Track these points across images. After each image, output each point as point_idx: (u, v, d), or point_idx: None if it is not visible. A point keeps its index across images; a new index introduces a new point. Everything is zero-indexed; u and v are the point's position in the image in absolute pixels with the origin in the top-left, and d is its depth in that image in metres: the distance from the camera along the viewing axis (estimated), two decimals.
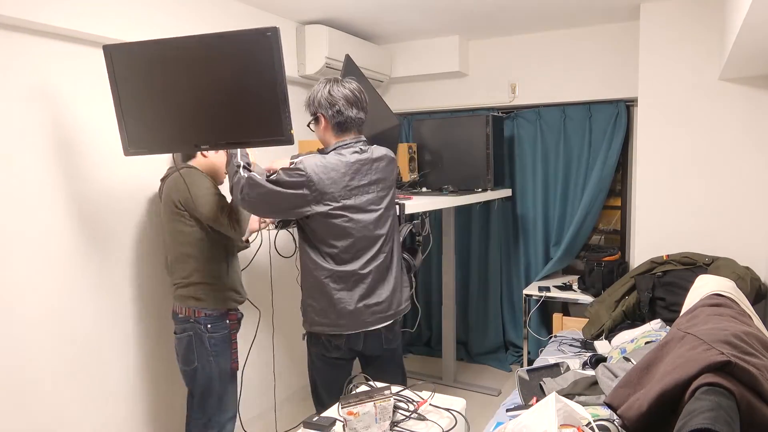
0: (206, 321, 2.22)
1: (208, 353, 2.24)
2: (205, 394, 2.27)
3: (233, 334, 2.30)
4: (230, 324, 2.29)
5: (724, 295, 1.91)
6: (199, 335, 2.23)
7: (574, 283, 3.60)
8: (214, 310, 2.24)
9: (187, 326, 2.24)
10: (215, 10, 2.75)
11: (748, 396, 1.31)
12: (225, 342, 2.27)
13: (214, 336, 2.24)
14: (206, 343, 2.23)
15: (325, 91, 2.11)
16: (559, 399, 1.50)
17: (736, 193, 2.97)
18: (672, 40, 3.04)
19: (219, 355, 2.25)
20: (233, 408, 2.34)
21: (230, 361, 2.28)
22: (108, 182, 2.37)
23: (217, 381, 2.26)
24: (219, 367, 2.26)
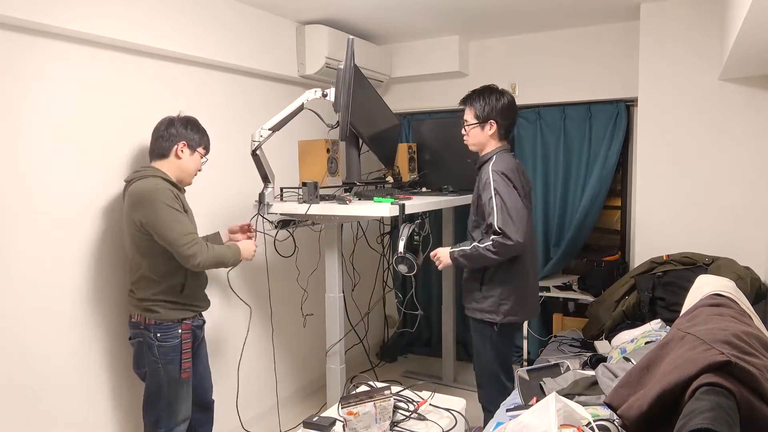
0: (156, 330, 2.18)
1: (156, 360, 2.19)
2: (154, 398, 2.24)
3: (185, 343, 2.24)
4: (182, 333, 2.23)
5: (724, 295, 1.91)
6: (149, 343, 2.19)
7: (574, 283, 3.60)
8: (163, 321, 2.19)
9: (137, 332, 2.22)
10: (215, 11, 2.75)
11: (748, 396, 1.31)
12: (174, 351, 2.21)
13: (164, 345, 2.19)
14: (155, 351, 2.19)
15: (505, 101, 2.47)
16: (559, 399, 1.50)
17: (736, 192, 2.97)
18: (672, 40, 3.04)
19: (168, 363, 2.20)
20: (185, 412, 2.29)
21: (179, 370, 2.22)
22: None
23: (166, 387, 2.22)
24: (168, 375, 2.21)
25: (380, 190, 3.01)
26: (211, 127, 2.89)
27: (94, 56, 2.30)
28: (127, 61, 2.44)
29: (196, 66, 2.78)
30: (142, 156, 2.52)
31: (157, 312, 2.18)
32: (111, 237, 2.38)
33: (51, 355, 2.16)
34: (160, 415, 2.24)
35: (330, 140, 2.86)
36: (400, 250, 2.42)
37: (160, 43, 2.47)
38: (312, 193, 2.63)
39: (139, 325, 2.20)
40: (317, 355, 3.62)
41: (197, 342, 2.36)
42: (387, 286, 4.33)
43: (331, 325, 2.71)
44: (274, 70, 3.16)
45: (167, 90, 2.64)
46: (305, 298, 3.32)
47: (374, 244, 3.77)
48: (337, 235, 2.70)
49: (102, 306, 2.35)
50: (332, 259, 2.68)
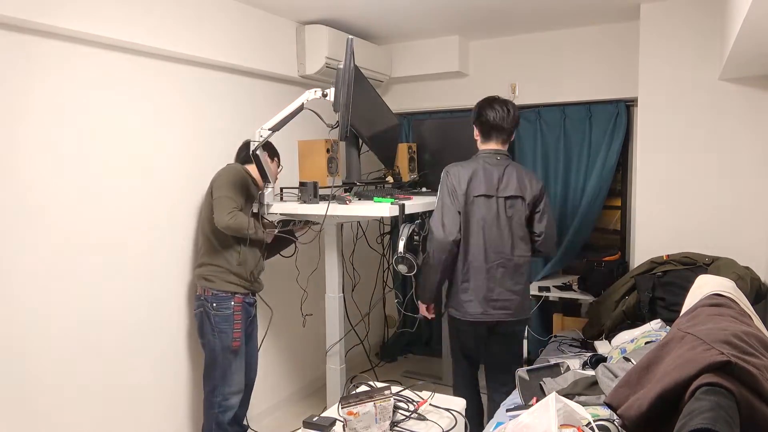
0: (212, 300, 2.53)
1: (212, 329, 2.53)
2: (211, 366, 2.58)
3: (237, 315, 2.54)
4: (234, 305, 2.54)
5: (724, 295, 1.91)
6: (207, 312, 2.53)
7: (574, 283, 3.60)
8: (219, 291, 2.52)
9: (199, 303, 2.58)
10: (215, 11, 2.75)
11: (748, 396, 1.31)
12: (227, 321, 2.52)
13: (218, 314, 2.52)
14: (211, 320, 2.52)
15: (478, 106, 2.57)
16: (559, 399, 1.50)
17: (736, 193, 2.96)
18: (672, 40, 3.04)
19: (222, 332, 2.52)
20: (238, 384, 2.60)
21: (231, 339, 2.52)
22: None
23: (220, 355, 2.53)
24: (221, 343, 2.52)
25: (380, 190, 3.01)
26: (212, 127, 2.90)
27: (94, 56, 2.30)
28: (127, 61, 2.44)
29: (196, 66, 2.78)
30: (143, 155, 2.52)
31: (213, 281, 2.53)
32: (111, 238, 2.38)
33: None
34: (216, 384, 2.57)
35: (330, 140, 2.86)
36: (400, 250, 2.42)
37: (160, 43, 2.47)
38: (311, 194, 2.63)
39: (200, 297, 2.57)
40: (317, 355, 3.62)
41: (249, 318, 2.67)
42: (387, 286, 4.33)
43: (331, 325, 2.71)
44: (274, 70, 3.16)
45: (167, 90, 2.64)
46: (305, 298, 3.32)
47: (374, 244, 3.77)
48: (337, 235, 2.70)
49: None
50: (332, 259, 2.68)
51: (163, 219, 2.64)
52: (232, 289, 2.55)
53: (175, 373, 2.74)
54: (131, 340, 2.50)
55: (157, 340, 2.63)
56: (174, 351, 2.72)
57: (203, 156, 2.84)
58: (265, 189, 2.68)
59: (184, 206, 2.74)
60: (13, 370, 2.05)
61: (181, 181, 2.72)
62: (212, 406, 2.59)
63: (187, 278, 2.77)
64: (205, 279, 2.54)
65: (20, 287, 2.07)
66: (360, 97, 2.63)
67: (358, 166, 2.90)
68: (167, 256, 2.66)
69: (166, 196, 2.65)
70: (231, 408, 2.60)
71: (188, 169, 2.76)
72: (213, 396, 2.58)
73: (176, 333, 2.73)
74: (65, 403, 2.23)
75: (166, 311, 2.68)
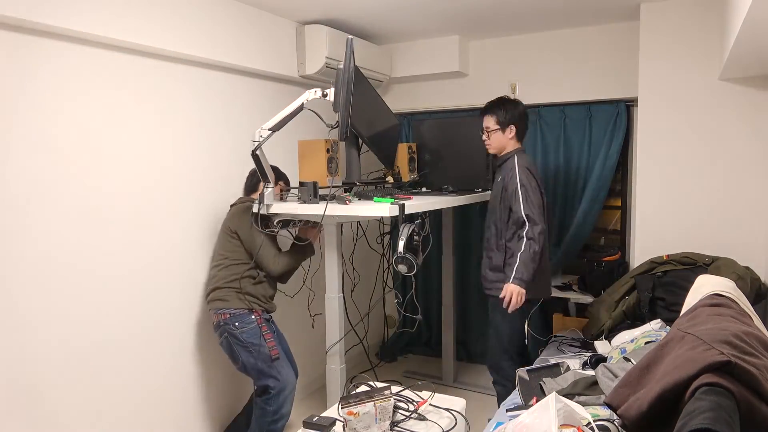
0: (233, 320, 2.52)
1: (245, 346, 2.52)
2: (262, 379, 2.56)
3: (263, 326, 2.56)
4: (256, 319, 2.56)
5: (724, 295, 1.91)
6: (233, 333, 2.52)
7: (574, 283, 3.60)
8: (237, 310, 2.54)
9: (220, 330, 2.56)
10: (215, 11, 2.75)
11: (748, 396, 1.31)
12: (255, 334, 2.53)
13: (244, 331, 2.52)
14: (240, 339, 2.51)
15: (521, 108, 2.85)
16: (559, 399, 1.51)
17: (736, 193, 2.96)
18: (672, 40, 3.04)
19: (255, 344, 2.52)
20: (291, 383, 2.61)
21: (268, 349, 2.53)
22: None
23: (265, 366, 2.54)
24: (261, 356, 2.52)
25: (380, 190, 3.01)
26: (211, 127, 2.91)
27: (95, 56, 2.30)
28: (127, 61, 2.44)
29: (196, 66, 2.78)
30: (142, 155, 2.52)
31: (228, 300, 2.54)
32: (112, 238, 2.38)
33: None
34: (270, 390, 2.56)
35: (330, 140, 2.86)
36: (399, 250, 2.42)
37: (160, 43, 2.47)
38: (311, 194, 2.63)
39: (220, 324, 2.55)
40: (317, 355, 3.62)
41: (273, 331, 2.68)
42: (387, 286, 4.33)
43: (331, 325, 2.71)
44: (274, 70, 3.16)
45: (167, 90, 2.64)
46: (312, 298, 3.32)
47: (374, 245, 3.76)
48: (337, 235, 2.70)
49: None
50: (332, 259, 2.68)
51: (163, 219, 2.64)
52: (248, 306, 2.57)
53: (186, 374, 2.76)
54: (140, 342, 2.50)
55: (168, 342, 2.63)
56: (183, 352, 2.72)
57: (203, 156, 2.84)
58: (265, 189, 2.68)
59: (184, 206, 2.74)
60: (21, 371, 2.05)
61: (179, 181, 2.72)
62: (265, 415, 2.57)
63: (195, 278, 2.78)
64: (220, 300, 2.56)
65: (21, 288, 2.06)
66: (360, 97, 2.62)
67: (358, 166, 2.90)
68: (169, 256, 2.66)
69: (166, 196, 2.65)
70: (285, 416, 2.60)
71: (187, 169, 2.76)
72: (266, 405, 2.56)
73: (186, 334, 2.73)
74: (71, 408, 2.23)
75: (174, 312, 2.68)
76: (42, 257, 2.13)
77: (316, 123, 2.65)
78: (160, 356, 2.64)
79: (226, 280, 2.59)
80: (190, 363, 2.81)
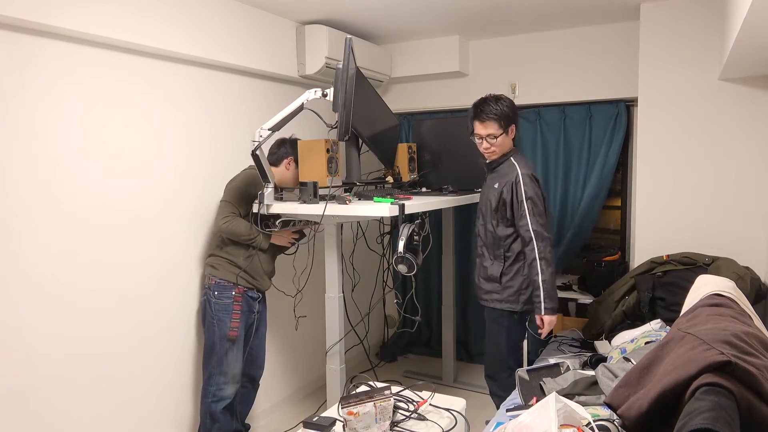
0: (214, 288, 2.62)
1: (212, 317, 2.61)
2: (209, 354, 2.64)
3: (236, 305, 2.61)
4: (235, 296, 2.61)
5: (724, 295, 1.91)
6: (209, 300, 2.62)
7: (574, 283, 3.60)
8: (222, 280, 2.61)
9: (203, 293, 2.68)
10: (215, 11, 2.75)
11: (748, 396, 1.31)
12: (226, 310, 2.60)
13: (218, 303, 2.60)
14: (212, 307, 2.61)
15: (510, 102, 2.65)
16: (559, 399, 1.50)
17: (736, 193, 2.96)
18: (672, 40, 3.04)
19: (220, 320, 2.59)
20: (233, 374, 2.64)
21: (228, 328, 2.59)
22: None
23: (218, 344, 2.59)
24: (219, 332, 2.59)
25: (380, 190, 3.01)
26: (211, 127, 2.91)
27: (94, 56, 2.30)
28: (127, 60, 2.44)
29: (196, 66, 2.78)
30: (142, 156, 2.52)
31: (217, 269, 2.63)
32: (113, 239, 2.38)
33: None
34: (212, 371, 2.62)
35: (330, 140, 2.86)
36: (399, 250, 2.42)
37: (159, 43, 2.47)
38: (311, 194, 2.63)
39: (205, 286, 2.67)
40: (317, 355, 3.62)
41: (253, 315, 2.73)
42: (387, 286, 4.33)
43: (331, 325, 2.71)
44: (274, 70, 3.16)
45: (167, 90, 2.64)
46: (299, 300, 3.32)
47: (374, 245, 3.76)
48: (337, 235, 2.70)
49: None
50: (332, 259, 2.68)
51: (162, 219, 2.64)
52: (234, 280, 2.62)
53: (180, 368, 2.75)
54: (135, 339, 2.50)
55: (165, 337, 2.63)
56: (180, 347, 2.72)
57: (203, 156, 2.84)
58: (265, 189, 2.68)
59: (183, 205, 2.74)
60: (15, 372, 2.05)
61: (180, 181, 2.72)
62: (206, 395, 2.64)
63: (196, 278, 2.78)
64: (212, 266, 2.66)
65: (21, 288, 2.06)
66: (360, 97, 2.62)
67: (358, 166, 2.90)
68: (169, 256, 2.65)
69: (166, 196, 2.65)
70: (224, 398, 2.64)
71: (188, 169, 2.76)
72: (208, 384, 2.63)
73: (185, 332, 2.73)
74: (68, 402, 2.23)
75: (176, 315, 2.69)
76: (41, 257, 2.13)
77: (316, 123, 2.65)
78: (161, 361, 2.64)
79: (221, 248, 2.67)
80: (191, 366, 2.80)
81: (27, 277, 2.09)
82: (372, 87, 3.04)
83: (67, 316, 2.23)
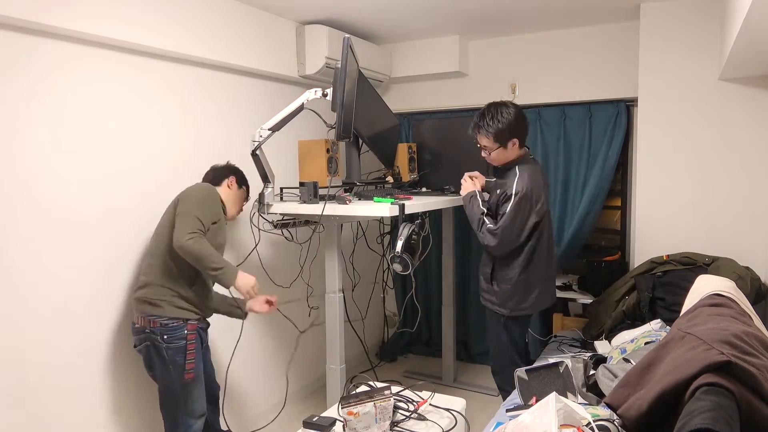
0: (161, 331, 2.19)
1: (165, 363, 2.21)
2: (168, 399, 2.28)
3: (191, 344, 2.24)
4: (188, 334, 2.23)
5: (724, 295, 1.91)
6: (156, 346, 2.21)
7: (574, 283, 3.60)
8: (169, 320, 2.20)
9: (143, 336, 2.23)
10: (215, 11, 2.75)
11: (748, 396, 1.31)
12: (180, 352, 2.22)
13: (170, 346, 2.20)
14: (163, 353, 2.21)
15: (512, 113, 2.52)
16: (559, 399, 1.51)
17: (736, 193, 2.96)
18: (672, 40, 3.04)
19: (175, 363, 2.22)
20: (201, 409, 2.33)
21: (184, 371, 2.23)
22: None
23: (179, 388, 2.24)
24: (177, 375, 2.22)
25: (380, 190, 3.01)
26: (211, 127, 2.91)
27: (94, 56, 2.30)
28: (127, 60, 2.44)
29: (195, 66, 2.78)
30: (143, 156, 2.52)
31: (160, 306, 2.19)
32: (113, 239, 2.38)
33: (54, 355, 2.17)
34: (177, 415, 2.28)
35: (330, 140, 2.86)
36: (397, 249, 2.42)
37: (159, 43, 2.47)
38: (311, 194, 2.63)
39: (145, 329, 2.21)
40: (317, 355, 3.62)
41: (204, 345, 2.37)
42: (387, 286, 4.33)
43: (331, 325, 2.71)
44: (274, 70, 3.16)
45: (167, 90, 2.63)
46: (311, 292, 3.32)
47: (374, 245, 3.77)
48: (337, 235, 2.70)
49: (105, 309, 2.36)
50: (332, 259, 2.68)
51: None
52: (184, 316, 2.23)
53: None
54: None
55: None
56: None
57: (203, 156, 2.83)
58: (265, 189, 2.68)
59: None
60: (19, 371, 2.05)
61: (181, 181, 2.71)
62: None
63: None
64: (150, 303, 2.20)
65: (18, 288, 2.07)
66: (360, 97, 2.63)
67: (358, 166, 2.90)
68: None
69: (166, 195, 2.64)
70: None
71: (188, 169, 2.75)
72: (176, 428, 2.30)
73: None
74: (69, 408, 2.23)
75: None
76: (41, 258, 2.13)
77: (316, 123, 2.65)
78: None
79: (161, 276, 2.22)
80: None
81: (26, 274, 2.09)
82: (372, 87, 3.04)
83: (65, 311, 2.23)
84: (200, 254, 2.12)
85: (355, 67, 2.60)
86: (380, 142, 3.04)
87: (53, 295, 2.17)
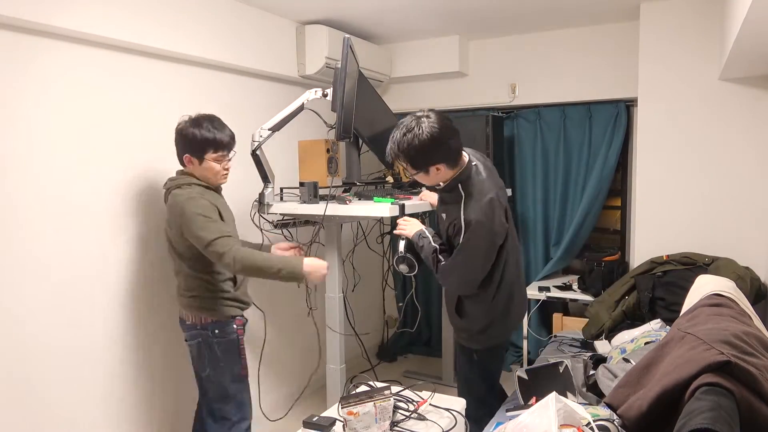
0: (213, 327, 2.22)
1: (218, 359, 2.23)
2: (223, 401, 2.26)
3: (241, 339, 2.28)
4: (237, 329, 2.26)
5: (724, 295, 1.91)
6: (208, 342, 2.23)
7: (574, 283, 3.60)
8: (219, 317, 2.24)
9: (195, 333, 2.25)
10: (215, 11, 2.75)
11: (748, 396, 1.31)
12: (234, 347, 2.25)
13: (222, 341, 2.23)
14: (215, 349, 2.22)
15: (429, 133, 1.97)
16: (559, 399, 1.50)
17: (736, 193, 2.96)
18: (672, 40, 3.04)
19: (229, 360, 2.24)
20: (251, 413, 2.33)
21: (240, 366, 2.27)
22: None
23: (230, 386, 2.25)
24: (231, 373, 2.25)
25: (380, 190, 3.01)
26: None
27: (94, 56, 2.30)
28: (127, 61, 2.44)
29: (195, 66, 2.78)
30: (143, 155, 2.52)
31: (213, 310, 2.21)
32: (114, 237, 2.38)
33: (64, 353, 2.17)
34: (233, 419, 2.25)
35: (330, 140, 2.86)
36: (400, 250, 2.42)
37: (159, 43, 2.47)
38: (311, 194, 2.63)
39: (196, 326, 2.23)
40: (317, 355, 3.61)
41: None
42: (387, 286, 4.33)
43: (331, 325, 2.71)
44: (274, 70, 3.16)
45: (167, 90, 2.63)
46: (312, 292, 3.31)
47: (374, 245, 3.76)
48: (337, 235, 2.70)
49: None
50: (332, 259, 2.68)
51: (160, 218, 2.63)
52: (231, 313, 2.27)
53: (186, 374, 2.73)
54: (138, 342, 2.50)
55: (170, 343, 2.62)
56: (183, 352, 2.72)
57: None
58: (266, 189, 2.68)
59: None
60: (18, 368, 2.05)
61: None
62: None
63: None
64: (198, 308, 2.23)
65: (17, 287, 2.07)
66: (360, 97, 2.63)
67: (358, 166, 2.90)
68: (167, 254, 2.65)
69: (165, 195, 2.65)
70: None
71: None
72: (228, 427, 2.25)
73: None
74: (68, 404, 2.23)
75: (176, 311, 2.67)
76: (41, 258, 2.13)
77: (316, 123, 2.65)
78: (159, 357, 2.63)
79: (200, 288, 2.22)
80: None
81: (26, 274, 2.09)
82: (372, 87, 3.04)
83: (66, 309, 2.23)
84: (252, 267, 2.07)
85: (355, 67, 2.60)
86: (380, 142, 3.04)
87: (54, 295, 2.17)
